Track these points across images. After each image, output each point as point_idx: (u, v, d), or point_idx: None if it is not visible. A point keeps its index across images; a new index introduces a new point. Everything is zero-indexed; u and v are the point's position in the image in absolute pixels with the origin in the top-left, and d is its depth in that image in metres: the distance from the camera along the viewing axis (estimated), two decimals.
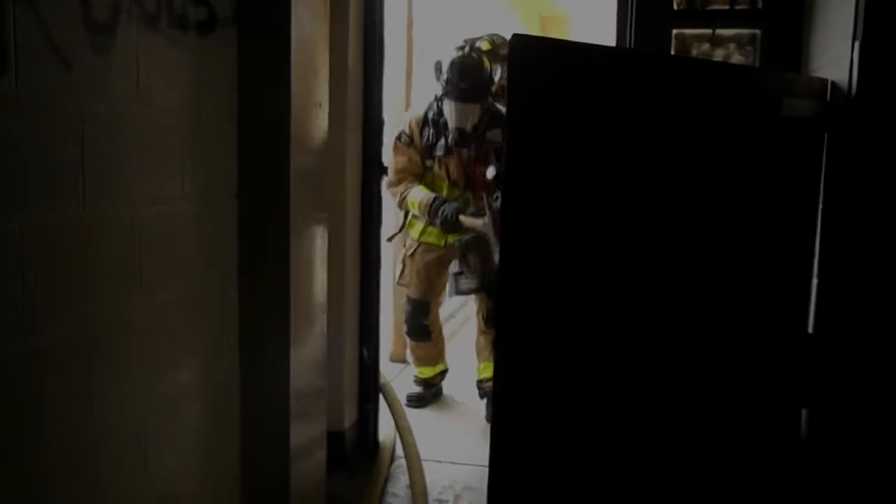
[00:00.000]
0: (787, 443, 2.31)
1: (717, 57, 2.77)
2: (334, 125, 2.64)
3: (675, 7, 2.81)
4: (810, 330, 2.27)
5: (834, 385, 2.16)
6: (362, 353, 3.21)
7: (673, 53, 2.77)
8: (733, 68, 2.56)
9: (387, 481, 3.13)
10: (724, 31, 2.78)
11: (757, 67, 2.69)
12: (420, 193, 3.80)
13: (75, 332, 1.49)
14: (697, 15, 2.81)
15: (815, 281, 2.26)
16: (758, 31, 2.74)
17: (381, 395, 3.31)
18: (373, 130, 3.13)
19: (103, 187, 1.55)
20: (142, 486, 1.76)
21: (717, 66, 2.51)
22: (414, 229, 3.96)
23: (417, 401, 4.07)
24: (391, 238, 4.14)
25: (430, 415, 4.02)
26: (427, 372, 4.14)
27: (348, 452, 3.14)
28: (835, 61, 2.22)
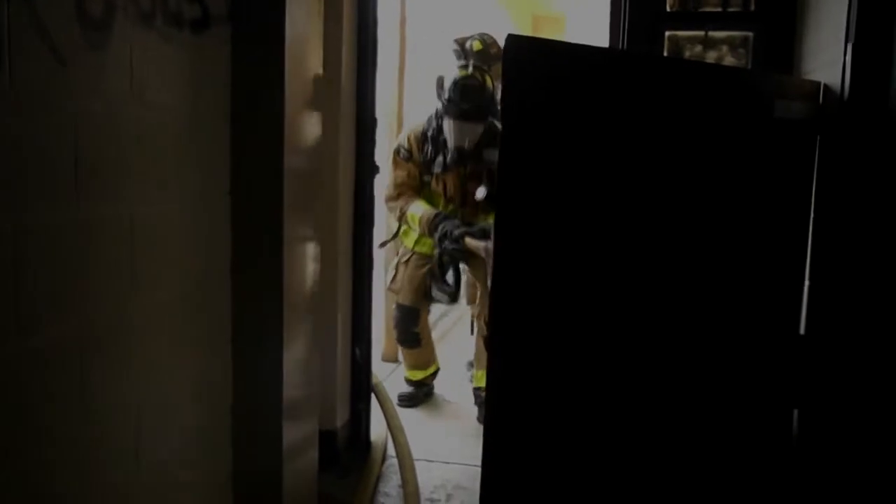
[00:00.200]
0: (779, 442, 2.32)
1: (710, 59, 2.78)
2: (327, 124, 2.64)
3: (668, 9, 2.82)
4: (802, 331, 2.28)
5: (825, 386, 2.17)
6: (354, 352, 3.21)
7: (665, 55, 2.78)
8: (726, 70, 2.58)
9: (378, 480, 3.13)
10: (717, 33, 2.79)
11: (750, 69, 2.70)
12: (421, 209, 3.83)
13: (71, 331, 1.49)
14: (690, 17, 2.83)
15: (807, 283, 2.27)
16: (750, 34, 2.75)
17: (373, 395, 3.31)
18: (366, 130, 3.13)
19: (97, 185, 1.54)
20: (136, 485, 1.76)
21: (711, 68, 2.51)
22: (408, 238, 3.98)
23: (409, 400, 4.08)
24: (383, 244, 4.15)
25: (421, 414, 4.02)
26: (418, 374, 4.14)
27: (340, 451, 3.14)
28: (827, 64, 2.23)
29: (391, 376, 4.34)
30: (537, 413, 2.01)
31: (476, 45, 4.14)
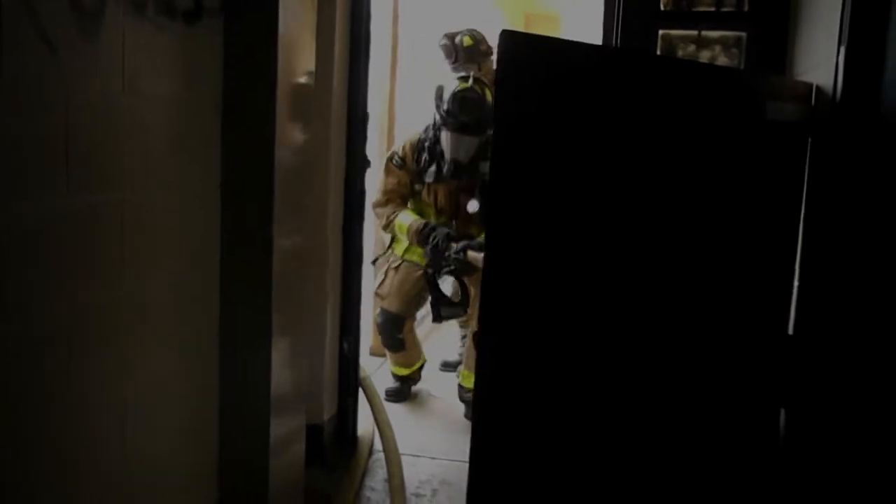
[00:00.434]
0: (765, 442, 2.33)
1: (703, 58, 2.78)
2: (319, 118, 2.63)
3: (662, 8, 2.83)
4: (790, 331, 2.29)
5: (813, 386, 2.18)
6: (342, 346, 3.20)
7: (659, 54, 2.78)
8: (720, 70, 2.58)
9: (365, 475, 3.13)
10: (710, 33, 2.79)
11: (743, 69, 2.70)
12: (409, 218, 3.83)
13: (59, 320, 1.48)
14: (684, 16, 2.83)
15: (797, 283, 2.28)
16: (743, 34, 2.76)
17: (361, 389, 3.31)
18: (357, 124, 3.11)
19: (88, 175, 1.53)
20: (120, 476, 1.74)
21: (706, 68, 2.52)
22: (399, 246, 3.97)
23: (396, 395, 4.08)
24: (375, 261, 4.13)
25: (408, 409, 4.02)
26: (404, 371, 4.14)
27: (326, 445, 3.12)
28: (820, 66, 2.24)
29: (379, 370, 4.33)
30: (526, 410, 2.01)
31: (466, 41, 4.13)
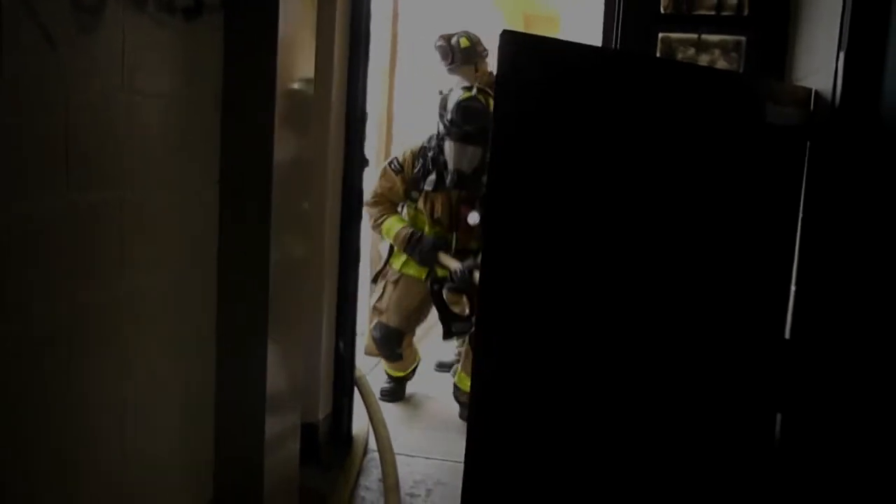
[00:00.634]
0: (761, 446, 2.33)
1: (703, 62, 2.79)
2: (318, 115, 2.62)
3: (662, 11, 2.82)
4: (787, 335, 2.29)
5: (809, 390, 2.18)
6: (338, 345, 3.19)
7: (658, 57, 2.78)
8: (720, 73, 2.58)
9: (359, 474, 3.13)
10: (710, 37, 2.80)
11: (742, 73, 2.70)
12: (398, 224, 3.85)
13: (59, 318, 1.47)
14: (684, 19, 2.83)
15: (793, 287, 2.28)
16: (743, 38, 2.76)
17: (356, 388, 3.30)
18: (356, 123, 3.11)
19: (87, 172, 1.52)
20: (119, 475, 1.74)
21: (706, 71, 2.52)
22: (397, 260, 3.96)
23: (391, 394, 4.08)
24: (375, 278, 4.12)
25: (403, 409, 4.02)
26: (399, 373, 4.15)
27: (321, 445, 3.12)
28: (819, 71, 2.24)
29: (374, 370, 4.32)
30: (521, 411, 2.01)
31: (463, 42, 4.12)
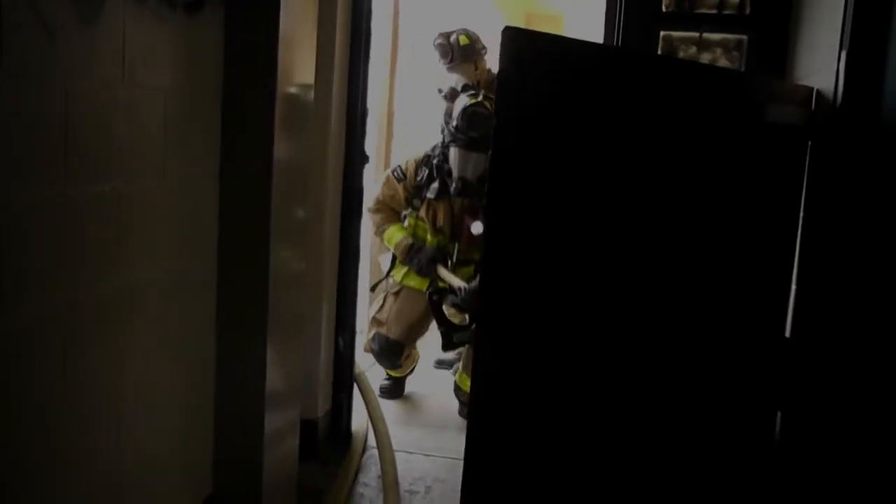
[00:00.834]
0: (761, 444, 2.32)
1: (704, 61, 2.79)
2: (318, 112, 2.62)
3: (664, 9, 2.82)
4: (788, 334, 2.29)
5: (809, 389, 2.18)
6: (338, 342, 3.19)
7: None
8: (721, 71, 2.58)
9: (358, 471, 3.12)
10: (712, 36, 2.79)
11: (744, 72, 2.70)
12: (399, 234, 3.83)
13: (55, 310, 1.47)
14: (685, 18, 2.83)
15: (794, 286, 2.28)
16: (744, 37, 2.76)
17: (356, 385, 3.30)
18: (357, 120, 3.10)
19: (85, 164, 1.52)
20: (115, 469, 1.74)
21: (708, 69, 2.51)
22: (398, 272, 3.94)
23: (390, 391, 4.07)
24: (374, 287, 4.10)
25: (402, 406, 4.02)
26: (398, 373, 4.14)
27: (320, 441, 3.11)
28: (820, 70, 2.24)
29: (374, 367, 4.32)
30: (521, 410, 2.01)
31: (463, 40, 4.10)
